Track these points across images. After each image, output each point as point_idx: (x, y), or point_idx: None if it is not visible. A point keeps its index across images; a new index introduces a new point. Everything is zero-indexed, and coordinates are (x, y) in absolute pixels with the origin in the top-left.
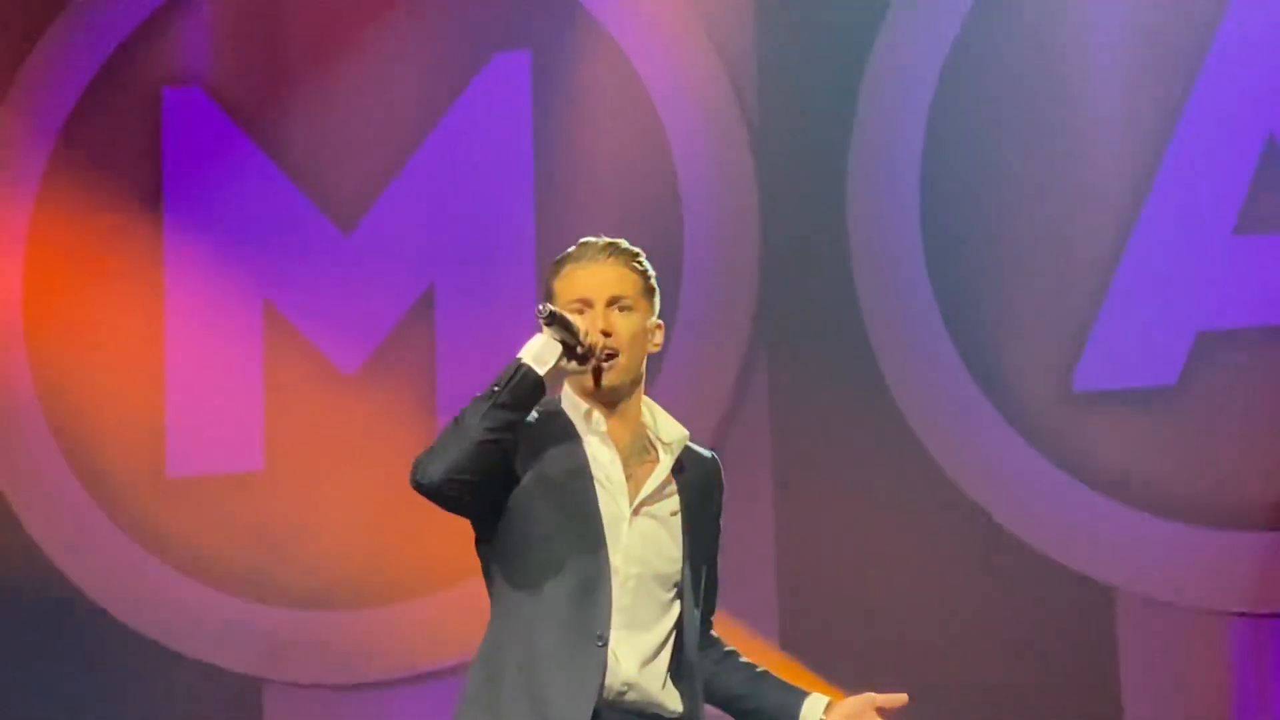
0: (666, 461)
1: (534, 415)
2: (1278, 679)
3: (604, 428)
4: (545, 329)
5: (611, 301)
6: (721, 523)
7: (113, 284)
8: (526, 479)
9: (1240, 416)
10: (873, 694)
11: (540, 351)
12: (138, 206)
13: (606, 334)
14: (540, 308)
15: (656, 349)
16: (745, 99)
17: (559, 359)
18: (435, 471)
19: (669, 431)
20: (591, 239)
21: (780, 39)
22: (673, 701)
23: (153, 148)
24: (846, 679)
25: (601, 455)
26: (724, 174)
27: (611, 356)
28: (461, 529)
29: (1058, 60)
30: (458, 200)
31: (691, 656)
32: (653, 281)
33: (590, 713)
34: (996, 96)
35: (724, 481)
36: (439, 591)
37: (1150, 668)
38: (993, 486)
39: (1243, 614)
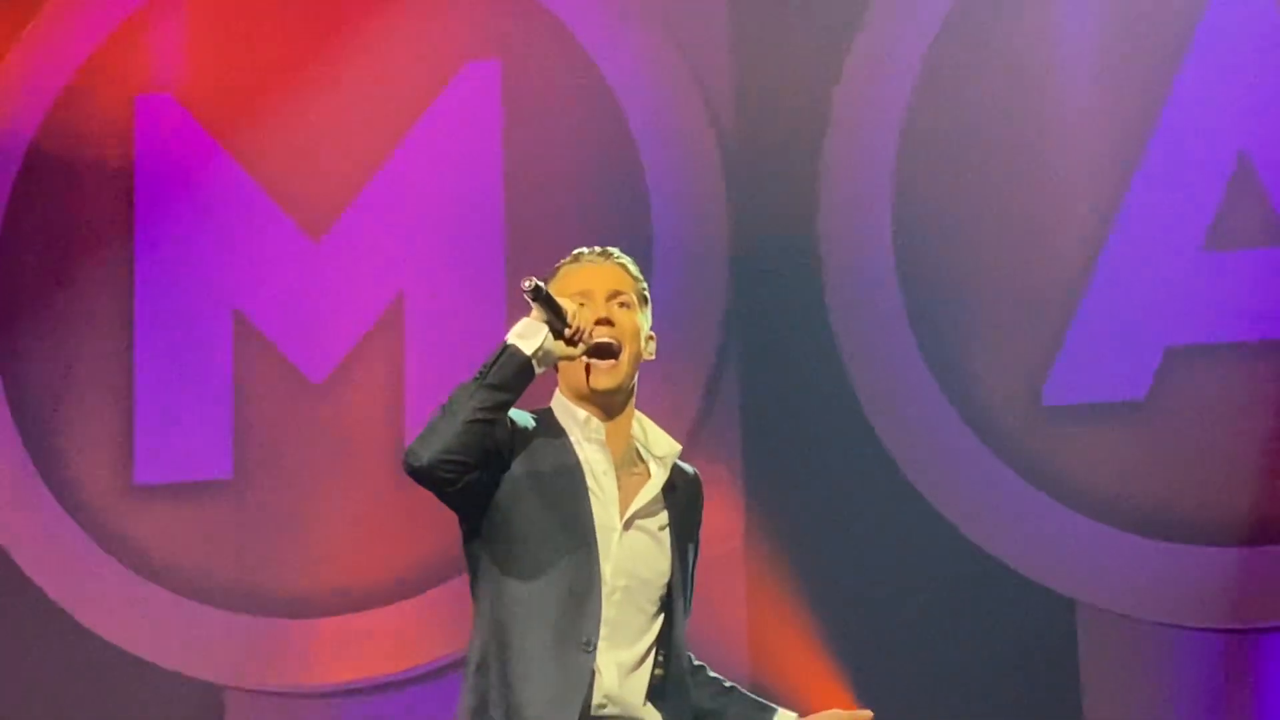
0: (660, 475)
1: (531, 420)
2: (1240, 693)
3: (602, 435)
4: (532, 308)
5: (611, 296)
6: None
7: (83, 290)
8: (520, 478)
9: (1208, 432)
10: (839, 710)
11: (524, 330)
12: (109, 212)
13: (610, 323)
14: (525, 282)
15: (651, 358)
16: (715, 106)
17: (545, 339)
18: (426, 454)
19: (660, 445)
20: (585, 248)
21: (753, 46)
22: (652, 718)
23: (125, 154)
24: (811, 683)
25: (596, 464)
26: (693, 181)
27: (606, 351)
28: (427, 539)
29: (1029, 76)
30: (428, 208)
31: (680, 674)
32: (646, 292)
33: (577, 717)
34: (968, 111)
35: (704, 497)
36: (404, 600)
37: (1111, 680)
38: (960, 499)
39: (1206, 629)
